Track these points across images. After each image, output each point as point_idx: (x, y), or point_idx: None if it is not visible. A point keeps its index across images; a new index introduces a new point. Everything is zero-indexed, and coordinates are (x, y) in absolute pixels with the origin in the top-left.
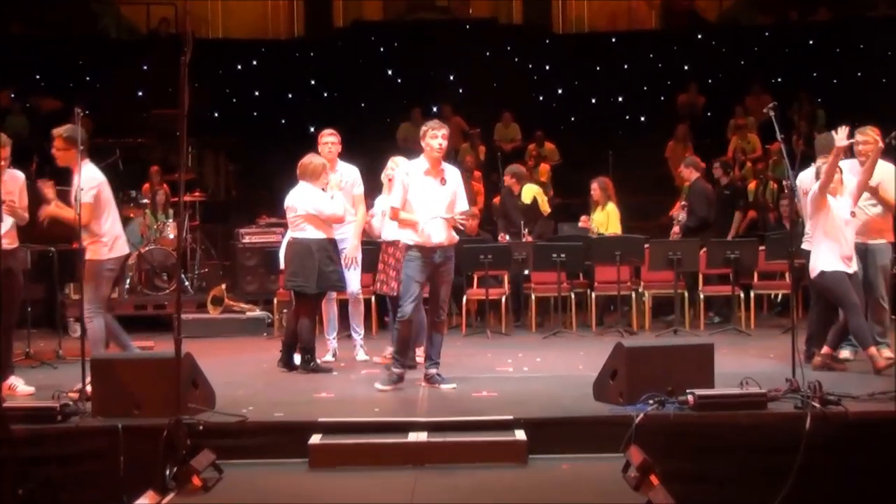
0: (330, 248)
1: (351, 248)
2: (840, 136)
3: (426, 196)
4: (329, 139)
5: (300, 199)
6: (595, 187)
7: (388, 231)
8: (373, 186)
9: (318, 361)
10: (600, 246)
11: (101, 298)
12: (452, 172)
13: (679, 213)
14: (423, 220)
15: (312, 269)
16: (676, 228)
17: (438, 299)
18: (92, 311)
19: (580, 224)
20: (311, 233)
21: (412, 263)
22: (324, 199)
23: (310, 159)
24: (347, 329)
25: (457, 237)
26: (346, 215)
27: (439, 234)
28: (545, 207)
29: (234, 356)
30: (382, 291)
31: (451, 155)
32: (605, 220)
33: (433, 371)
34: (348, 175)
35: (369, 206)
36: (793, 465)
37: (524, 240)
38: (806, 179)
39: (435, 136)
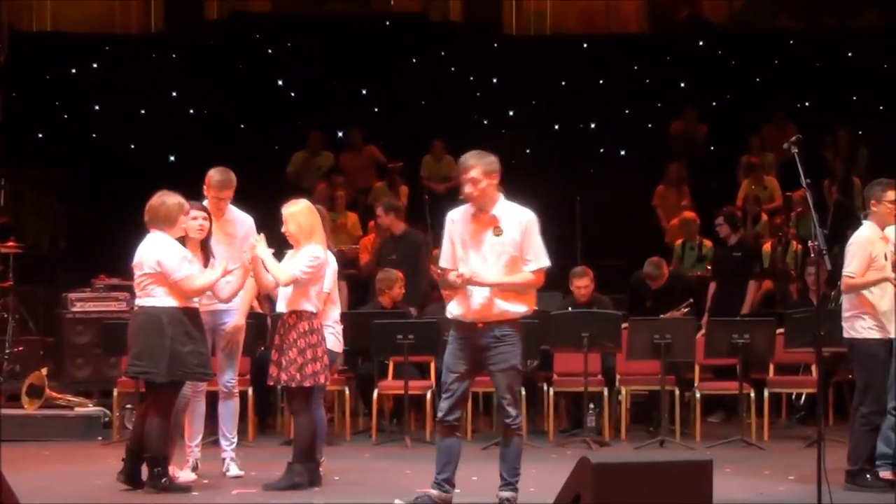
0: (188, 322)
1: (233, 328)
2: None
3: (471, 251)
4: (222, 195)
5: (146, 252)
6: None
7: (282, 301)
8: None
9: (174, 477)
10: (562, 325)
11: None
12: (515, 218)
13: None
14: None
15: (161, 349)
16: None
17: (499, 394)
18: None
19: None
20: (162, 300)
21: (449, 347)
22: (178, 253)
23: (160, 199)
24: (216, 433)
25: (518, 309)
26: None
27: (480, 303)
28: None
29: (58, 467)
30: (282, 381)
31: (360, 196)
32: None
33: (505, 495)
34: (239, 227)
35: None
36: None
37: None
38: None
39: (463, 179)
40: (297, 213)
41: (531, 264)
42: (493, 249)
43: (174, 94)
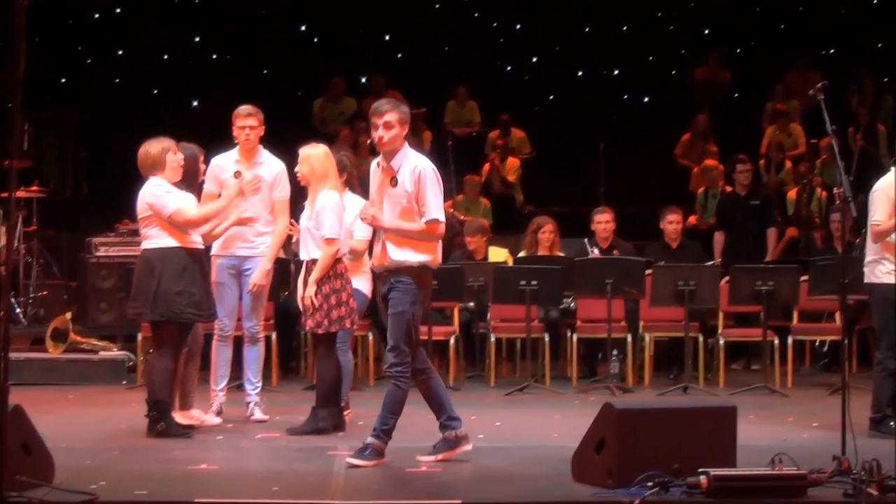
0: (182, 262)
1: (260, 273)
2: None
3: (378, 201)
4: (247, 122)
5: (140, 198)
6: (549, 228)
7: (311, 248)
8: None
9: (177, 420)
10: (586, 271)
11: None
12: (409, 168)
13: None
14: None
15: (148, 288)
16: None
17: (388, 344)
18: None
19: None
20: (155, 241)
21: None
22: (165, 190)
23: (145, 148)
24: (240, 378)
25: (413, 258)
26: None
27: (379, 253)
28: None
29: (82, 411)
30: (307, 327)
31: None
32: None
33: (367, 440)
34: (267, 170)
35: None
36: None
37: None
38: None
39: (375, 124)
40: (313, 155)
41: (424, 216)
42: (391, 200)
43: (197, 39)
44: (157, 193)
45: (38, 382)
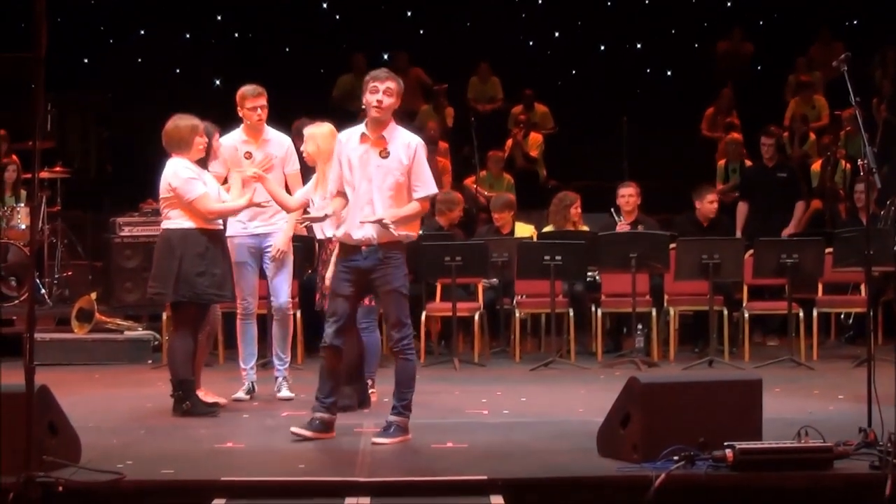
0: (203, 244)
1: (282, 239)
2: None
3: (360, 173)
4: (258, 102)
5: (163, 177)
6: (579, 203)
7: (326, 226)
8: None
9: (202, 399)
10: (610, 245)
11: None
12: (403, 142)
13: None
14: (337, 205)
15: (169, 269)
16: None
17: (388, 321)
18: None
19: None
20: (176, 221)
21: (335, 270)
22: (188, 175)
23: (174, 123)
24: (264, 356)
25: (399, 233)
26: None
27: (363, 226)
28: None
29: (108, 391)
30: (325, 306)
31: (407, 119)
32: None
33: (391, 419)
34: (277, 147)
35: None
36: None
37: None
38: None
39: (375, 88)
40: (318, 134)
41: (419, 191)
42: (379, 171)
43: (219, 17)
44: (184, 177)
45: (63, 363)
